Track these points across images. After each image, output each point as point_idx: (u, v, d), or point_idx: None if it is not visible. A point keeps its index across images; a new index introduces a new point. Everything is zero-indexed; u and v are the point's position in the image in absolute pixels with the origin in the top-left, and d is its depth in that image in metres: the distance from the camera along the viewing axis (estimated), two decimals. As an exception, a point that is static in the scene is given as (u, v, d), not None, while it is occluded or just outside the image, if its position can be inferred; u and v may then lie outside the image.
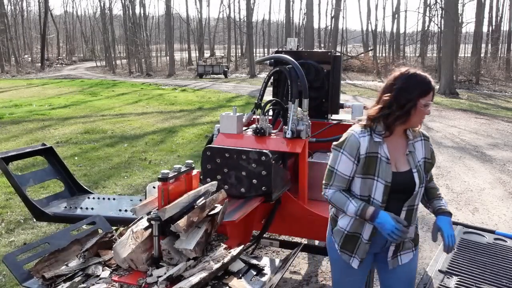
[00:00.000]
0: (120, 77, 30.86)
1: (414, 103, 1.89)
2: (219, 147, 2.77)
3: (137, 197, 3.64)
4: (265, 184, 2.64)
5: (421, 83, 1.91)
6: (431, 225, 4.88)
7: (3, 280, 3.60)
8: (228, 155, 2.71)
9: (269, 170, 2.62)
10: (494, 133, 10.21)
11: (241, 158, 2.67)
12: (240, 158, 2.67)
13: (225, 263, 1.90)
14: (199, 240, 1.95)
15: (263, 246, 4.11)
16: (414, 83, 1.90)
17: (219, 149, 2.74)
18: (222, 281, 1.86)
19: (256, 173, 2.64)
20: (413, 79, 1.91)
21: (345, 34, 40.57)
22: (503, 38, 33.16)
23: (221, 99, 16.60)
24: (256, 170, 2.64)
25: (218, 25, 50.87)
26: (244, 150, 2.69)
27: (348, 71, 30.36)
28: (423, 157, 2.03)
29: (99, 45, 52.18)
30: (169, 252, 1.91)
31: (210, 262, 1.89)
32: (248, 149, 2.69)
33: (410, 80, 1.91)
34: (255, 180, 2.64)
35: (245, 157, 2.65)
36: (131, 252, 1.89)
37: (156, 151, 8.19)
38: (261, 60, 4.55)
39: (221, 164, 2.72)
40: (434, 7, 28.49)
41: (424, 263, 3.98)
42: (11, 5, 47.26)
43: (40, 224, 4.70)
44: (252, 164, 2.64)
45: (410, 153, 2.01)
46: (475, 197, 5.83)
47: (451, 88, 19.01)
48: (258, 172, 2.63)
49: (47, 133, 9.81)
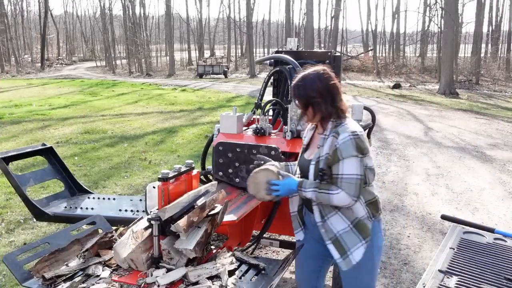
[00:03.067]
0: (120, 77, 30.87)
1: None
2: (231, 142, 2.90)
3: (137, 197, 3.64)
4: None
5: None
6: (431, 225, 4.91)
7: (3, 280, 3.60)
8: (239, 150, 2.84)
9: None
10: (494, 133, 10.21)
11: (252, 152, 2.79)
12: (251, 152, 2.79)
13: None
14: (199, 240, 1.94)
15: (263, 246, 4.11)
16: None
17: (231, 144, 2.87)
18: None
19: None
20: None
21: (345, 34, 40.58)
22: (503, 38, 33.19)
23: (221, 99, 16.60)
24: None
25: (218, 25, 50.88)
26: (255, 144, 2.84)
27: (348, 71, 30.37)
28: (327, 153, 2.12)
29: (99, 45, 52.24)
30: (169, 252, 1.91)
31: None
32: (259, 144, 2.84)
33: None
34: None
35: (255, 152, 2.77)
36: (131, 252, 1.89)
37: (156, 151, 8.19)
38: (261, 60, 4.56)
39: (233, 158, 2.85)
40: (434, 7, 28.52)
41: (424, 263, 3.99)
42: (11, 5, 47.34)
43: (40, 224, 4.70)
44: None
45: (320, 147, 2.16)
46: (475, 197, 5.83)
47: (451, 88, 19.02)
48: None
49: (47, 133, 9.81)
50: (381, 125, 10.85)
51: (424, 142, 9.22)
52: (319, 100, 2.13)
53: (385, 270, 3.87)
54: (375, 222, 2.20)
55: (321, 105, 2.13)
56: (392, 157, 7.94)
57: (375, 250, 2.21)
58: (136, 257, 1.89)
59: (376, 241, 2.21)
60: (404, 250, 4.27)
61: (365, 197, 2.16)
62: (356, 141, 2.06)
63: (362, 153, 2.08)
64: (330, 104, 2.14)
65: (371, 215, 2.18)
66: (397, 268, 3.91)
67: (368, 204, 2.17)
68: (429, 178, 6.69)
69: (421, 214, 5.22)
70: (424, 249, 4.29)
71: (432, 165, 7.42)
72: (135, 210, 3.16)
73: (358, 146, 2.06)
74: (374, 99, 17.03)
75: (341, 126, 2.11)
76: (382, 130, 10.32)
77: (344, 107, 2.17)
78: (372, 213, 2.18)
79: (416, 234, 4.66)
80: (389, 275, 3.80)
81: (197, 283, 1.81)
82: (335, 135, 2.10)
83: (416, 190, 6.13)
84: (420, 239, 4.54)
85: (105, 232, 2.22)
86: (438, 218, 5.02)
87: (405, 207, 5.47)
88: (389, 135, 9.87)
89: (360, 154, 2.07)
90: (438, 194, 5.97)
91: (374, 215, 2.19)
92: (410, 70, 30.52)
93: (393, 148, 8.59)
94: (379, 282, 3.66)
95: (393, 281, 3.69)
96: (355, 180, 2.05)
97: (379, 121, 11.02)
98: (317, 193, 2.10)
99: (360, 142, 2.07)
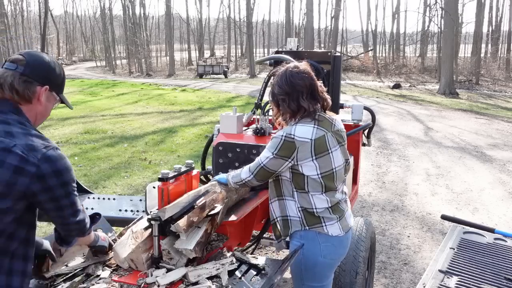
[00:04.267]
0: (120, 77, 30.88)
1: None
2: (231, 142, 2.87)
3: (137, 197, 3.63)
4: None
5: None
6: (431, 225, 4.91)
7: (3, 280, 3.60)
8: (239, 150, 2.83)
9: None
10: (494, 133, 10.21)
11: (252, 152, 2.77)
12: (251, 152, 2.77)
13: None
14: (199, 240, 1.94)
15: (263, 246, 4.11)
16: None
17: (231, 144, 2.86)
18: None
19: None
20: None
21: (345, 34, 40.58)
22: (503, 38, 33.18)
23: (221, 99, 16.60)
24: None
25: (218, 25, 50.89)
26: (255, 145, 2.81)
27: (348, 71, 30.37)
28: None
29: (99, 45, 52.26)
30: (169, 252, 1.91)
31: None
32: (259, 144, 2.80)
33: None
34: None
35: (255, 152, 2.74)
36: (131, 252, 1.89)
37: (156, 151, 8.19)
38: (261, 60, 4.56)
39: (233, 158, 2.83)
40: (434, 7, 28.48)
41: (424, 263, 3.99)
42: (11, 5, 47.29)
43: (40, 224, 4.70)
44: None
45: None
46: (475, 197, 5.83)
47: (451, 88, 19.01)
48: None
49: (47, 133, 9.81)
50: (381, 125, 10.85)
51: (424, 142, 9.22)
52: (284, 97, 2.11)
53: (385, 270, 3.87)
54: (309, 232, 2.14)
55: (284, 103, 2.11)
56: (392, 157, 7.94)
57: (304, 259, 2.15)
58: (136, 257, 1.89)
59: (308, 250, 2.14)
60: (404, 250, 4.27)
61: (300, 202, 2.13)
62: (285, 140, 2.03)
63: (283, 156, 2.04)
64: (295, 102, 2.09)
65: (304, 223, 2.14)
66: (397, 268, 3.91)
67: (303, 211, 2.13)
68: (429, 178, 6.69)
69: (421, 214, 5.22)
70: (424, 249, 4.29)
71: (432, 165, 7.42)
72: (135, 210, 3.16)
73: (282, 147, 2.03)
74: (374, 99, 17.03)
75: (291, 125, 2.10)
76: (382, 130, 10.32)
77: (308, 106, 2.09)
78: (306, 222, 2.13)
79: (416, 234, 4.66)
80: (389, 275, 3.79)
81: (197, 283, 1.81)
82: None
83: (416, 190, 6.13)
84: (420, 239, 4.54)
85: (105, 232, 2.21)
86: (438, 218, 5.02)
87: (405, 207, 5.47)
88: (389, 135, 9.87)
89: (279, 155, 2.05)
90: (438, 194, 5.97)
91: (308, 224, 2.13)
92: (410, 70, 30.52)
93: (393, 148, 8.59)
94: (379, 282, 3.66)
95: (393, 281, 3.69)
96: (258, 163, 2.12)
97: (379, 121, 11.02)
98: (235, 172, 2.27)
99: (287, 144, 2.03)
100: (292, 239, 2.20)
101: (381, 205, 5.53)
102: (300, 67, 2.14)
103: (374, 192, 6.01)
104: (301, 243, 2.16)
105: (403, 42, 35.59)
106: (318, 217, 2.12)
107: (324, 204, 2.12)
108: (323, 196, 2.11)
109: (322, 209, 2.12)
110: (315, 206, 2.11)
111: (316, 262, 2.15)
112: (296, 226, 2.16)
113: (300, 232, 2.16)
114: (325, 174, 2.09)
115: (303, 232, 2.15)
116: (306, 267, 2.17)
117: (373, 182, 6.48)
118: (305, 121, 2.10)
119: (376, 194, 5.96)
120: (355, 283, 2.69)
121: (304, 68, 2.15)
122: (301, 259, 2.15)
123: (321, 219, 2.12)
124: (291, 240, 2.21)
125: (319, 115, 2.12)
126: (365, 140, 4.01)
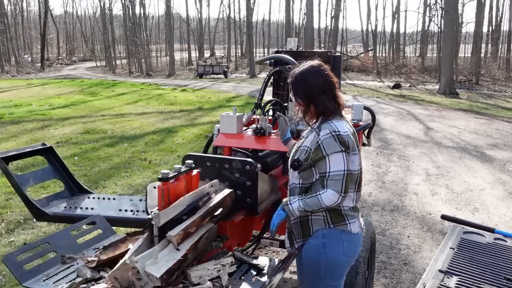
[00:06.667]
0: (120, 77, 30.86)
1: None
2: (199, 155, 2.52)
3: (137, 197, 3.63)
4: (249, 196, 2.43)
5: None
6: (431, 225, 4.91)
7: (3, 280, 3.60)
8: (210, 164, 2.47)
9: (254, 181, 2.41)
10: (494, 133, 10.20)
11: (224, 167, 2.45)
12: (223, 167, 2.45)
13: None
14: (171, 267, 1.75)
15: (263, 246, 4.11)
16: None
17: (200, 157, 2.50)
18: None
19: (240, 183, 2.42)
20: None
21: (345, 34, 40.57)
22: (503, 38, 33.15)
23: (221, 99, 16.60)
24: (240, 180, 2.42)
25: (218, 25, 50.86)
26: (227, 158, 2.51)
27: (348, 71, 30.36)
28: (307, 146, 2.13)
29: (99, 45, 52.19)
30: (138, 271, 1.71)
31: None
32: (231, 158, 2.52)
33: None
34: (239, 192, 2.42)
35: (228, 166, 2.44)
36: (116, 270, 1.77)
37: (156, 151, 8.19)
38: (261, 60, 4.56)
39: (203, 173, 2.41)
40: (434, 7, 28.49)
41: (424, 263, 3.99)
42: (11, 5, 47.28)
43: (40, 224, 4.70)
44: (235, 174, 2.43)
45: (304, 138, 2.21)
46: (475, 197, 5.83)
47: (451, 88, 19.01)
48: (242, 183, 2.42)
49: (47, 133, 9.81)
50: (381, 125, 10.85)
51: (424, 142, 9.22)
52: (321, 95, 2.11)
53: (385, 270, 3.87)
54: (334, 230, 2.14)
55: (323, 100, 2.11)
56: (392, 157, 7.94)
57: (325, 257, 2.13)
58: (121, 275, 1.77)
59: (331, 249, 2.13)
60: (404, 250, 4.27)
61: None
62: (338, 137, 2.03)
63: (347, 148, 2.04)
64: (332, 99, 2.12)
65: (329, 221, 2.12)
66: (397, 268, 3.91)
67: (329, 210, 2.11)
68: (429, 178, 6.69)
69: (421, 214, 5.22)
70: (424, 249, 4.29)
71: (432, 165, 7.42)
72: (135, 210, 3.16)
73: (341, 142, 2.03)
74: (374, 99, 17.03)
75: (326, 123, 2.09)
76: (382, 130, 10.32)
77: (341, 102, 2.16)
78: (331, 220, 2.12)
79: (416, 234, 4.66)
80: (389, 275, 3.79)
81: (198, 284, 1.81)
82: (317, 130, 2.10)
83: (416, 190, 6.12)
84: (420, 239, 4.54)
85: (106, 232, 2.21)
86: (438, 218, 5.02)
87: (405, 207, 5.47)
88: (389, 135, 9.87)
89: (344, 148, 2.03)
90: (438, 194, 5.97)
91: (333, 222, 2.13)
92: (410, 70, 30.50)
93: (393, 148, 8.59)
94: (379, 282, 3.66)
95: (393, 281, 3.69)
96: (341, 176, 2.02)
97: (379, 121, 11.02)
98: (305, 199, 2.08)
99: (341, 139, 2.03)
100: (312, 238, 2.16)
101: (381, 205, 5.53)
102: (326, 66, 2.17)
103: (374, 192, 6.01)
104: (322, 242, 2.14)
105: (403, 42, 35.55)
106: (343, 215, 2.14)
107: (350, 203, 2.16)
108: (353, 194, 2.15)
109: (348, 207, 2.15)
110: (343, 204, 2.12)
111: (338, 260, 2.16)
112: (318, 225, 2.14)
113: (323, 231, 2.14)
114: (357, 172, 2.14)
115: (326, 230, 2.14)
116: (327, 265, 2.15)
117: (373, 182, 6.47)
118: (334, 119, 2.12)
119: (376, 194, 5.96)
120: (355, 283, 2.69)
121: (326, 66, 2.18)
122: (321, 257, 2.14)
123: (345, 217, 2.15)
124: (310, 240, 2.17)
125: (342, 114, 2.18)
126: (365, 140, 4.01)
